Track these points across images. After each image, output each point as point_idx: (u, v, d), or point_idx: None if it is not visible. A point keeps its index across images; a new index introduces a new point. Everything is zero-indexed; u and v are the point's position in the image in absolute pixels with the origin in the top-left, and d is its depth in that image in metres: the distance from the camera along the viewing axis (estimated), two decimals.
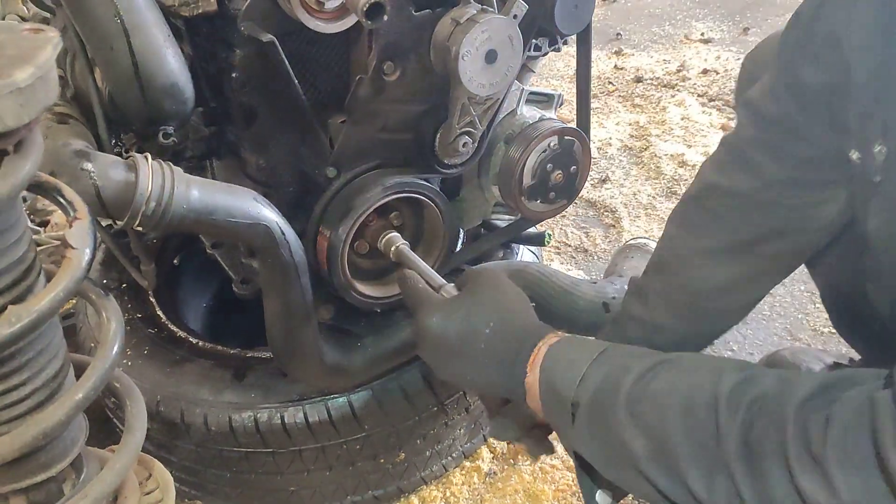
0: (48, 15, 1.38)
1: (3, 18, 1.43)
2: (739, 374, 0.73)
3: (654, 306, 1.06)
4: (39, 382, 0.57)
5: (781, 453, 0.64)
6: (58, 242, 1.56)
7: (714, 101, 2.61)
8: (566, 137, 1.24)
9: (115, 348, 0.60)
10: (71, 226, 0.56)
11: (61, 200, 0.58)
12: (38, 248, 0.57)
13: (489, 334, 0.92)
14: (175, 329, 1.35)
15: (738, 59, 2.86)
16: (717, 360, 0.80)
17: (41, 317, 0.51)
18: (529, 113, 1.27)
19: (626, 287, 1.32)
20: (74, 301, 1.48)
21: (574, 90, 1.35)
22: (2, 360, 0.54)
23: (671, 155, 2.33)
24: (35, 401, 0.57)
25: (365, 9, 0.80)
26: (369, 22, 0.81)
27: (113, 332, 0.60)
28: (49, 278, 0.59)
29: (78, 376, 0.63)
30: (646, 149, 2.40)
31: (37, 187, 0.58)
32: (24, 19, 1.42)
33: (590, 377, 0.81)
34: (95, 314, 0.72)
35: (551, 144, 1.24)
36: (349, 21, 1.00)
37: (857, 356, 1.40)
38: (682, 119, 2.50)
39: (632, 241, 1.59)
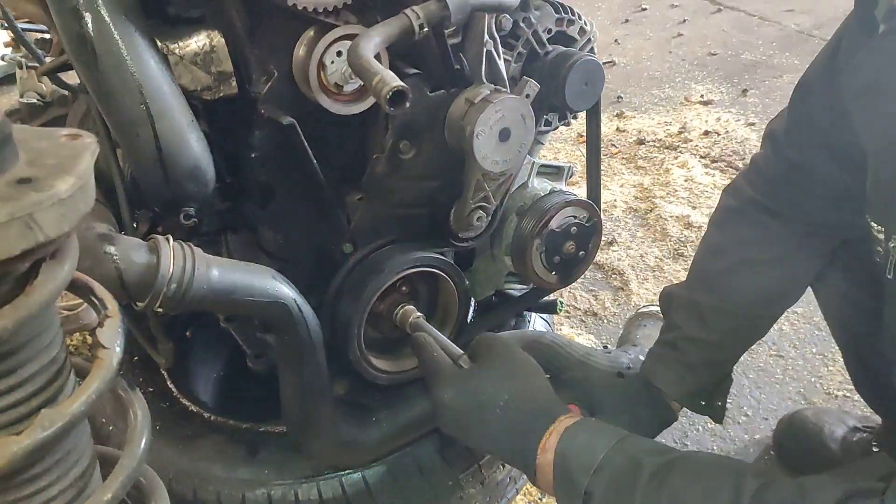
0: (66, 93, 1.42)
1: (22, 96, 1.46)
2: (758, 481, 0.73)
3: (713, 324, 1.07)
4: (67, 483, 0.56)
5: None
6: (71, 312, 1.56)
7: (717, 162, 2.65)
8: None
9: (143, 445, 0.59)
10: (102, 324, 0.56)
11: (93, 299, 0.58)
12: None
13: (501, 412, 0.92)
14: (187, 403, 1.34)
15: (738, 120, 2.91)
16: (732, 461, 0.81)
17: (74, 420, 0.51)
18: (540, 185, 1.28)
19: (640, 357, 1.32)
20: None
21: (578, 153, 1.37)
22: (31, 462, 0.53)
23: (676, 216, 2.35)
24: (62, 502, 0.56)
25: (388, 97, 0.82)
26: (392, 109, 0.83)
27: (140, 429, 0.60)
28: (78, 372, 0.59)
29: (103, 468, 0.63)
30: (651, 210, 2.42)
31: (68, 285, 0.59)
32: (42, 97, 1.45)
33: (605, 468, 0.80)
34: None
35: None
36: (367, 103, 1.02)
37: (879, 419, 1.39)
38: (686, 181, 2.53)
39: (643, 309, 1.59)
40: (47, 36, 1.63)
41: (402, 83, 0.82)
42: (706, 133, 2.82)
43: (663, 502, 0.75)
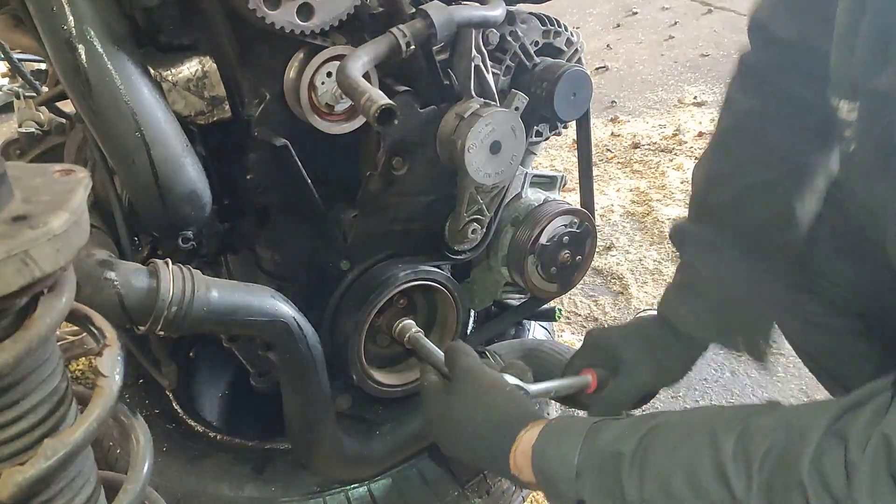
0: (63, 121, 1.43)
1: (20, 126, 1.48)
2: (734, 431, 0.71)
3: (730, 257, 1.00)
4: None
5: None
6: (76, 337, 1.57)
7: None
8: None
9: (146, 469, 0.60)
10: (101, 353, 0.57)
11: (91, 328, 0.59)
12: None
13: (471, 434, 0.93)
14: (193, 423, 1.35)
15: None
16: (702, 417, 0.78)
17: (76, 448, 0.52)
18: (534, 195, 1.29)
19: None
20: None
21: (574, 159, 1.38)
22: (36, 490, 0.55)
23: (673, 219, 2.36)
24: None
25: (376, 114, 0.83)
26: (380, 126, 0.84)
27: (142, 454, 0.61)
28: (79, 400, 0.60)
29: (108, 492, 0.64)
30: (648, 214, 2.43)
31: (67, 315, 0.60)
32: (40, 125, 1.46)
33: (583, 472, 0.80)
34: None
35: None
36: (359, 122, 1.04)
37: None
38: (682, 183, 2.54)
39: (642, 314, 1.60)
40: (43, 66, 1.65)
41: (389, 100, 0.84)
42: (701, 134, 2.83)
43: (648, 483, 0.75)
